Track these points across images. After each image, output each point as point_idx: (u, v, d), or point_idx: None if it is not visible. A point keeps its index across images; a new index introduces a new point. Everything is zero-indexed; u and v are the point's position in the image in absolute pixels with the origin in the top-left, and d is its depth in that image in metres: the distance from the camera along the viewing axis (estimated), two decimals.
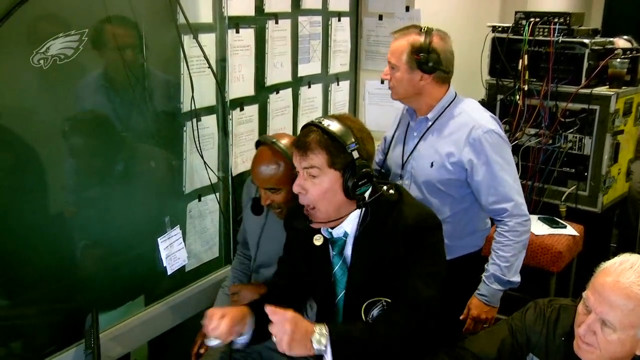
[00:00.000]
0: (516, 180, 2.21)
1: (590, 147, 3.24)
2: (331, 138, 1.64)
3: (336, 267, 1.77)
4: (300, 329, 1.53)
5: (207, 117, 2.39)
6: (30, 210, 1.85)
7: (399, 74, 2.19)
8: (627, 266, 1.42)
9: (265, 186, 2.03)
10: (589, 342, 1.44)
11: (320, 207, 1.69)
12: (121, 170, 2.12)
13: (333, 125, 1.65)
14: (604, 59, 3.21)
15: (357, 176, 1.64)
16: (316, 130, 1.66)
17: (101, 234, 2.07)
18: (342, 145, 1.63)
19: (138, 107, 2.12)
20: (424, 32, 2.16)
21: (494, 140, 2.15)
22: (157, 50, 2.17)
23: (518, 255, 2.21)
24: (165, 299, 2.35)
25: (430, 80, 2.19)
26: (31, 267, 1.88)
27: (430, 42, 2.14)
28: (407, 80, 2.19)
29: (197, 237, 2.46)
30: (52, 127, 1.86)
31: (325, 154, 1.64)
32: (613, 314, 1.39)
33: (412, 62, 2.16)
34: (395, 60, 2.19)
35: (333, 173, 1.65)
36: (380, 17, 3.28)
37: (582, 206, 3.30)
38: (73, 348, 1.99)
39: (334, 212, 1.70)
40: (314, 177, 1.66)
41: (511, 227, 2.17)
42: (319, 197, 1.67)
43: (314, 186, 1.67)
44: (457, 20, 3.94)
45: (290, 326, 1.51)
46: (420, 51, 2.14)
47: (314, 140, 1.65)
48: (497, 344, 1.67)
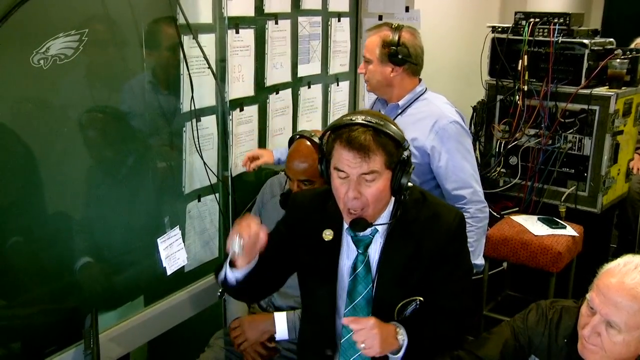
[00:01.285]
0: (475, 170, 2.36)
1: (589, 147, 3.24)
2: (387, 136, 1.56)
3: (360, 265, 1.73)
4: (384, 329, 1.57)
5: (206, 118, 2.39)
6: (30, 210, 1.84)
7: (372, 67, 2.37)
8: (631, 267, 1.42)
9: (299, 178, 2.14)
10: (594, 344, 1.44)
11: (371, 209, 1.62)
12: (120, 170, 2.12)
13: (380, 122, 1.57)
14: (604, 59, 3.22)
15: (408, 174, 1.60)
16: (367, 130, 1.55)
17: (101, 234, 2.07)
18: (399, 143, 1.58)
19: (138, 107, 2.12)
20: (394, 28, 2.35)
21: (457, 130, 2.31)
22: (157, 51, 2.16)
23: (480, 240, 2.34)
24: (164, 300, 2.34)
25: (400, 72, 2.36)
26: (31, 267, 1.87)
27: (399, 37, 2.32)
28: (380, 72, 2.36)
29: (197, 238, 2.46)
30: (51, 128, 1.86)
31: (383, 154, 1.57)
32: (619, 315, 1.40)
33: (384, 55, 2.34)
34: (369, 54, 2.37)
35: (387, 173, 1.60)
36: (380, 17, 3.28)
37: (581, 207, 3.30)
38: (72, 348, 1.99)
39: (379, 212, 1.66)
40: (370, 181, 1.58)
41: (472, 213, 2.29)
42: (374, 200, 1.60)
43: (369, 189, 1.59)
44: (456, 20, 3.95)
45: (378, 330, 1.54)
46: (390, 45, 2.32)
47: (371, 140, 1.55)
48: (499, 345, 1.68)
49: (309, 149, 2.16)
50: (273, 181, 2.45)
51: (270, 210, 2.36)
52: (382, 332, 1.55)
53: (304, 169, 2.13)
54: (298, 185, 2.15)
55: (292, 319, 2.17)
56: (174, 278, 2.28)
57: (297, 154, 2.18)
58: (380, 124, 1.57)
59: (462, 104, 3.60)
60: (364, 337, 1.54)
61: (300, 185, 2.14)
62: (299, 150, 2.19)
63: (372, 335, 1.53)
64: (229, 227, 2.57)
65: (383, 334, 1.55)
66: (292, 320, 2.17)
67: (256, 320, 2.22)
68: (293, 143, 2.28)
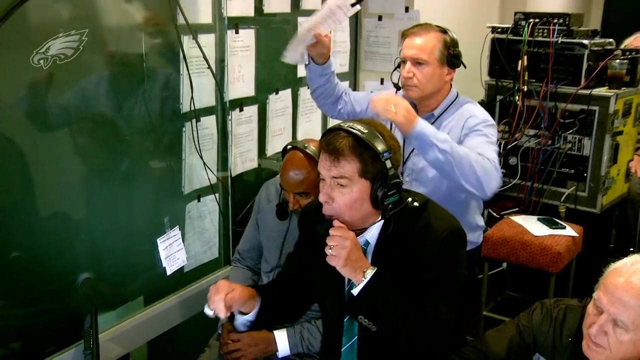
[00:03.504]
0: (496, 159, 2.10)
1: (589, 148, 3.24)
2: (364, 145, 1.54)
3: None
4: (357, 253, 1.55)
5: (206, 118, 2.39)
6: (30, 210, 1.85)
7: (429, 70, 2.18)
8: (638, 267, 1.43)
9: (295, 191, 2.07)
10: (600, 343, 1.45)
11: (346, 218, 1.60)
12: (120, 170, 2.12)
13: (365, 131, 1.55)
14: (604, 59, 3.22)
15: (387, 187, 1.56)
16: (347, 136, 1.55)
17: (101, 234, 2.07)
18: (376, 154, 1.55)
19: (138, 107, 2.12)
20: (442, 29, 2.21)
21: (487, 124, 2.19)
22: (157, 51, 2.16)
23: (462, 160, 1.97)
24: (164, 300, 2.35)
25: (452, 75, 2.24)
26: (31, 267, 1.87)
27: (452, 37, 2.21)
28: (438, 75, 2.20)
29: (197, 238, 2.46)
30: (51, 128, 1.86)
31: (357, 162, 1.55)
32: (626, 314, 1.40)
33: (444, 57, 2.19)
34: (427, 55, 2.17)
35: (363, 182, 1.57)
36: (379, 17, 3.28)
37: (581, 207, 3.30)
38: (72, 348, 1.99)
39: (359, 222, 1.63)
40: (343, 187, 1.57)
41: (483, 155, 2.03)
42: (346, 208, 1.59)
43: (342, 196, 1.58)
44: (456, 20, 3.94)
45: (350, 244, 1.53)
46: (453, 45, 2.19)
47: (346, 146, 1.55)
48: (505, 343, 1.68)
49: (303, 160, 2.08)
50: (268, 186, 2.40)
51: (266, 216, 2.33)
52: (353, 252, 1.54)
53: (299, 182, 2.07)
54: (294, 197, 2.10)
55: (293, 339, 2.14)
56: (174, 278, 2.28)
57: (291, 166, 2.10)
58: (364, 132, 1.55)
59: None
60: (336, 243, 1.54)
61: (297, 197, 2.09)
62: (292, 162, 2.10)
63: (343, 245, 1.53)
64: (228, 227, 2.57)
65: (353, 254, 1.54)
66: (294, 340, 2.14)
67: (257, 339, 2.15)
68: (286, 154, 2.19)
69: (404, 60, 2.22)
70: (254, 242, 2.40)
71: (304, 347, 2.13)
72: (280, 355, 2.15)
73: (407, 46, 2.21)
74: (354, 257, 1.54)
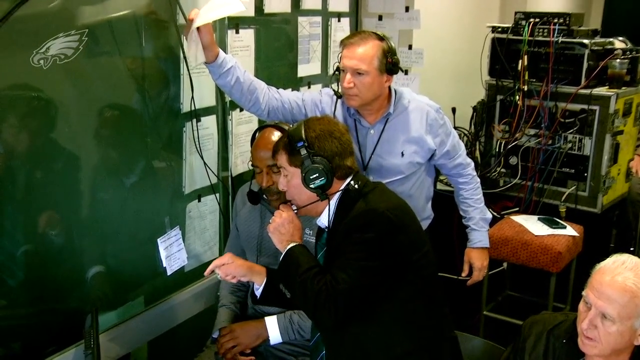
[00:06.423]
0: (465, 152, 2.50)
1: (590, 147, 3.24)
2: (288, 138, 1.82)
3: (318, 256, 1.93)
4: (289, 228, 1.83)
5: (206, 118, 2.39)
6: (29, 210, 1.85)
7: (369, 79, 2.17)
8: (619, 264, 1.60)
9: (269, 163, 2.07)
10: (591, 337, 1.59)
11: (296, 202, 1.87)
12: (121, 170, 2.12)
13: (295, 125, 1.85)
14: (604, 59, 3.22)
15: (305, 170, 1.78)
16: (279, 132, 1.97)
17: (101, 234, 2.07)
18: (293, 144, 1.79)
19: (138, 107, 2.12)
20: (380, 36, 2.20)
21: (442, 115, 2.38)
22: (157, 51, 2.17)
23: (482, 195, 2.53)
24: (164, 300, 2.35)
25: (391, 81, 2.26)
26: (31, 267, 1.87)
27: (390, 44, 2.21)
28: (377, 84, 2.20)
29: (197, 238, 2.47)
30: (51, 128, 1.86)
31: (284, 153, 1.83)
32: (612, 307, 1.55)
33: (383, 65, 2.18)
34: (366, 65, 2.16)
35: (295, 170, 1.82)
36: (380, 17, 3.28)
37: (581, 207, 3.30)
38: (73, 348, 1.99)
39: (312, 207, 1.85)
40: (286, 176, 1.85)
41: (470, 173, 2.47)
42: (291, 192, 1.86)
43: (287, 182, 1.85)
44: (456, 20, 3.95)
45: (281, 220, 1.82)
46: (390, 53, 2.19)
47: (279, 141, 1.87)
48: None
49: (272, 130, 2.13)
50: (243, 190, 2.37)
51: (243, 218, 2.34)
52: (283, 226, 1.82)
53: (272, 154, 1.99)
54: (267, 172, 2.09)
55: (283, 322, 2.16)
56: (174, 278, 2.28)
57: (262, 140, 2.12)
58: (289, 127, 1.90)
59: (462, 104, 3.61)
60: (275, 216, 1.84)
61: (270, 172, 2.08)
62: (263, 136, 2.14)
63: (277, 218, 1.83)
64: (229, 227, 2.57)
65: (283, 228, 1.82)
66: (284, 323, 2.16)
67: (248, 326, 2.19)
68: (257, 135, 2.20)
69: (343, 69, 2.21)
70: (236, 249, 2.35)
71: (294, 330, 2.15)
72: (272, 342, 2.17)
73: (346, 56, 2.19)
74: (283, 230, 1.83)
